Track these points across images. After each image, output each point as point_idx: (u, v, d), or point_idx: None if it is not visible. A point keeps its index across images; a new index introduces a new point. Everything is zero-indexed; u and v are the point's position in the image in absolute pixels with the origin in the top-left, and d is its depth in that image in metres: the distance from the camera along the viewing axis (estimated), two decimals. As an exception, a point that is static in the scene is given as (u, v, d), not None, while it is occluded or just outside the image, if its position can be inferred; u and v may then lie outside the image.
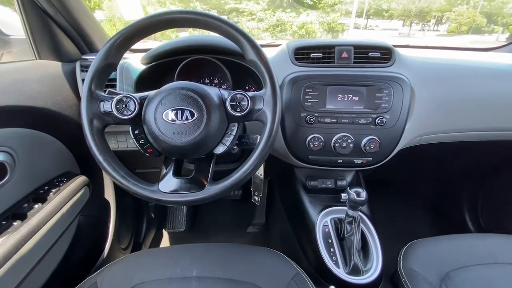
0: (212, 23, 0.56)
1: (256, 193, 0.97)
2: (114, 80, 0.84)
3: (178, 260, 0.69)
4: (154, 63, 0.87)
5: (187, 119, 0.55)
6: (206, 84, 0.92)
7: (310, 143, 0.81)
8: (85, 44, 0.96)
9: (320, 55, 0.81)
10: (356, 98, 0.80)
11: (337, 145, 0.80)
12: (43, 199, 0.72)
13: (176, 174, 0.61)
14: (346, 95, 0.80)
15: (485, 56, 1.10)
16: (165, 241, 1.51)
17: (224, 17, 0.58)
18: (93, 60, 0.56)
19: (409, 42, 0.97)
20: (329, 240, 0.84)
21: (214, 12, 0.61)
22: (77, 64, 0.89)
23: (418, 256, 0.75)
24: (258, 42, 0.57)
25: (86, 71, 0.87)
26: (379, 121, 0.79)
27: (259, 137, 0.58)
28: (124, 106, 0.56)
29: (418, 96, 0.81)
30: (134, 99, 0.56)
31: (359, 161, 0.84)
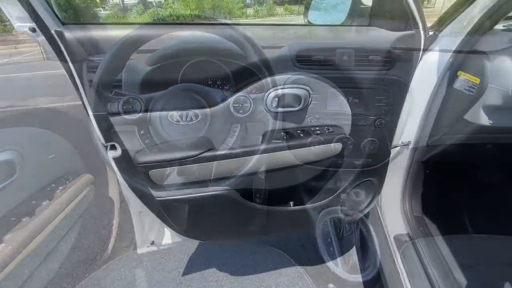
0: (216, 26, 0.58)
1: (258, 195, 0.99)
2: (119, 81, 0.85)
3: (180, 258, 0.71)
4: (159, 64, 0.88)
5: (191, 120, 0.57)
6: (209, 85, 0.94)
7: (311, 144, 0.82)
8: (91, 45, 0.98)
9: (322, 57, 0.82)
10: (356, 101, 0.81)
11: (338, 146, 0.82)
12: (50, 197, 0.74)
13: (181, 173, 0.63)
14: (346, 98, 0.81)
15: (485, 58, 1.11)
16: (166, 240, 1.52)
17: (228, 21, 0.60)
18: (100, 61, 0.58)
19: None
20: (329, 239, 0.86)
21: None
22: (84, 65, 0.91)
23: (417, 255, 0.76)
24: (260, 44, 0.59)
25: (93, 71, 0.89)
26: (378, 123, 0.80)
27: (261, 137, 0.60)
28: (130, 107, 0.58)
29: (417, 99, 0.82)
30: (140, 100, 0.58)
31: (359, 162, 0.86)
